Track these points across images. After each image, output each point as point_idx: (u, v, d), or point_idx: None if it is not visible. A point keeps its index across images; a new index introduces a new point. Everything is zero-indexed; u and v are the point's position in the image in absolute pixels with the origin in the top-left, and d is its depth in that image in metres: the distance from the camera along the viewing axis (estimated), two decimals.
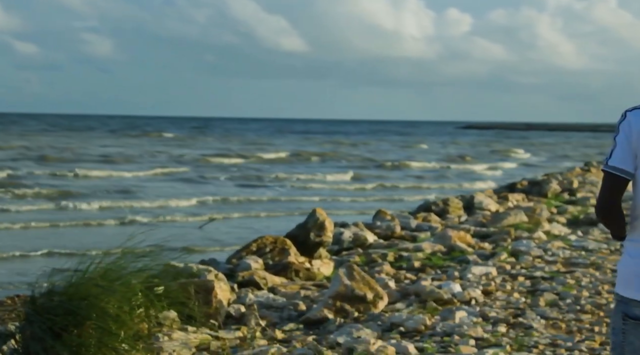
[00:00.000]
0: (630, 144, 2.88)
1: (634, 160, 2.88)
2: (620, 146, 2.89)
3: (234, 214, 19.38)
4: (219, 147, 53.09)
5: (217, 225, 16.33)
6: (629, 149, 2.88)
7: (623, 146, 2.89)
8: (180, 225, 16.60)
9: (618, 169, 2.88)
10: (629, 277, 2.87)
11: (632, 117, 2.90)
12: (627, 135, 2.89)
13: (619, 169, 2.88)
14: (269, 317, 7.20)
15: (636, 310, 2.83)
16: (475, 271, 8.74)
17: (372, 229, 12.02)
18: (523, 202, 16.12)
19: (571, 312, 7.18)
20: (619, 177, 2.88)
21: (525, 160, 49.13)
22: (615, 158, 2.89)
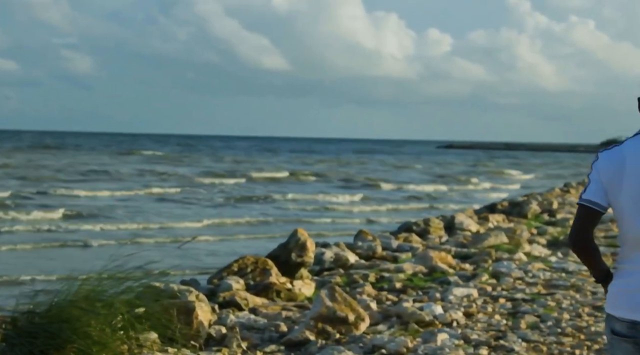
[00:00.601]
0: (600, 183, 3.14)
1: (606, 196, 3.12)
2: (594, 183, 3.16)
3: (251, 235, 19.06)
4: (213, 166, 52.32)
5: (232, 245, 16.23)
6: (601, 185, 3.13)
7: (596, 183, 3.15)
8: (170, 247, 16.39)
9: (592, 202, 3.14)
10: (613, 296, 3.12)
11: (601, 158, 3.18)
12: (597, 175, 3.16)
13: (592, 202, 3.14)
14: (250, 338, 7.16)
15: (617, 325, 3.07)
16: (456, 292, 8.76)
17: (354, 249, 12.02)
18: (503, 222, 16.19)
19: (552, 334, 7.20)
20: (592, 209, 3.14)
21: (524, 181, 48.45)
22: (590, 192, 3.15)
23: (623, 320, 3.04)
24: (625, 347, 3.04)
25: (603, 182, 3.12)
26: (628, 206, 3.07)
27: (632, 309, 3.02)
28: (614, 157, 3.13)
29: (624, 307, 3.05)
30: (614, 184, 3.09)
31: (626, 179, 3.07)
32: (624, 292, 3.07)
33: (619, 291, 3.10)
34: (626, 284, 3.08)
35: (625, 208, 3.07)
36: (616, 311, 3.08)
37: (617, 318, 3.07)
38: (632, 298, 3.03)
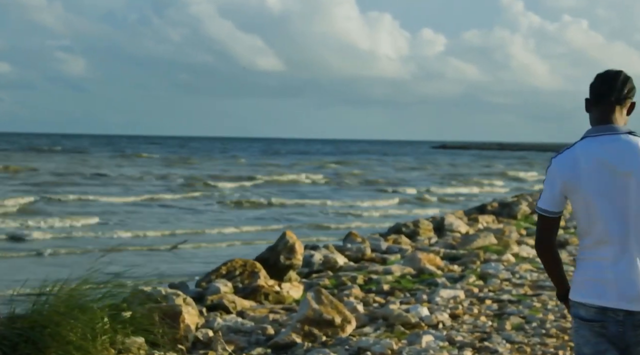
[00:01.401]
0: (555, 185, 3.33)
1: (561, 200, 3.35)
2: (547, 190, 3.36)
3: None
4: (230, 169, 51.11)
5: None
6: (556, 190, 3.33)
7: (550, 189, 3.35)
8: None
9: (543, 210, 3.37)
10: (576, 283, 3.37)
11: (554, 163, 3.36)
12: (551, 180, 3.35)
13: (544, 209, 3.37)
14: (237, 341, 7.20)
15: (582, 311, 3.32)
16: (443, 294, 8.81)
17: (343, 251, 12.08)
18: (493, 223, 16.26)
19: (536, 335, 7.26)
20: (546, 216, 3.37)
21: (538, 179, 47.90)
22: (543, 200, 3.38)
23: (591, 306, 3.27)
24: (593, 331, 3.29)
25: (559, 185, 3.31)
26: (584, 204, 3.29)
27: (599, 296, 3.26)
28: (567, 161, 3.32)
29: (592, 294, 3.28)
30: (571, 184, 3.29)
31: (582, 179, 3.27)
32: (589, 281, 3.30)
33: (585, 280, 3.32)
34: (592, 273, 3.30)
35: (586, 204, 3.28)
36: (584, 298, 3.30)
37: (584, 305, 3.30)
38: (595, 286, 3.28)
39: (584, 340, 3.32)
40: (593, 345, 3.30)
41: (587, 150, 3.30)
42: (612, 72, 3.41)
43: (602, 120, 3.36)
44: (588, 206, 3.28)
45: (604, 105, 3.37)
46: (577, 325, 3.35)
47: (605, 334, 3.28)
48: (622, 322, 3.26)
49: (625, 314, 3.25)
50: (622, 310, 3.25)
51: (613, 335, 3.28)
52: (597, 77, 3.43)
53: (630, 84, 3.39)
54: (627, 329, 3.26)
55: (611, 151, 3.29)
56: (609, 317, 3.26)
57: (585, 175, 3.28)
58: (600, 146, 3.30)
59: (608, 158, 3.28)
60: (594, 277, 3.30)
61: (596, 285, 3.28)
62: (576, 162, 3.29)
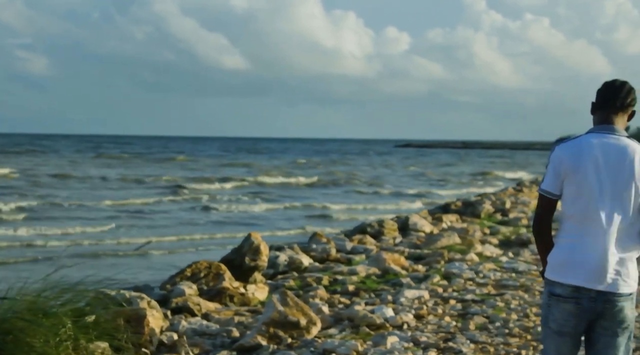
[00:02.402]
0: (558, 170, 3.78)
1: (561, 184, 3.77)
2: (550, 173, 3.82)
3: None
4: (223, 170, 50.75)
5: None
6: (558, 175, 3.78)
7: (552, 173, 3.81)
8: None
9: (547, 192, 3.82)
10: (554, 264, 3.78)
11: (559, 150, 3.80)
12: (555, 165, 3.79)
13: (547, 191, 3.82)
14: (202, 344, 7.17)
15: (558, 289, 3.75)
16: (408, 295, 8.85)
17: (308, 252, 12.08)
18: (457, 223, 16.37)
19: (500, 335, 7.32)
20: (548, 197, 3.82)
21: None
22: (546, 183, 3.82)
23: (568, 285, 3.71)
24: (565, 307, 3.73)
25: (560, 170, 3.76)
26: (577, 190, 3.72)
27: (575, 276, 3.70)
28: (572, 148, 3.77)
29: (569, 275, 3.71)
30: (571, 171, 3.73)
31: (581, 167, 3.71)
32: (569, 262, 3.73)
33: (564, 261, 3.74)
34: (570, 255, 3.73)
35: (578, 190, 3.72)
36: (561, 278, 3.74)
37: (561, 283, 3.73)
38: (574, 267, 3.71)
39: (554, 318, 3.77)
40: (561, 325, 3.76)
41: (590, 143, 3.75)
42: (618, 82, 3.85)
43: (605, 122, 3.81)
44: (579, 192, 3.72)
45: (609, 109, 3.82)
46: (550, 302, 3.78)
47: (579, 311, 3.72)
48: (594, 298, 3.71)
49: (597, 292, 3.70)
50: (595, 289, 3.69)
51: (585, 311, 3.72)
52: (605, 84, 3.87)
53: (633, 94, 3.84)
54: (598, 303, 3.71)
55: (610, 148, 3.73)
56: (583, 294, 3.70)
57: (584, 164, 3.71)
58: (601, 142, 3.75)
59: (606, 153, 3.72)
60: (573, 259, 3.71)
61: (575, 266, 3.70)
62: (580, 150, 3.74)
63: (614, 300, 3.72)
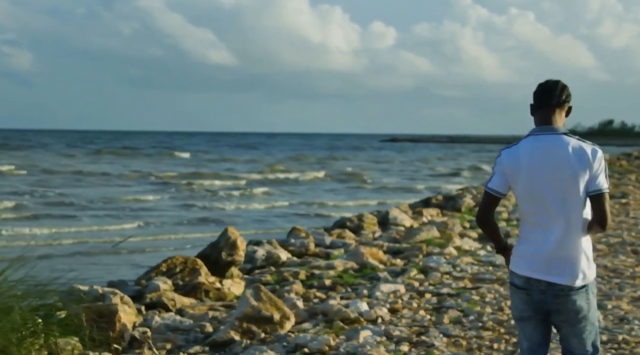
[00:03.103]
0: (503, 173, 4.07)
1: (506, 184, 4.08)
2: (497, 174, 4.10)
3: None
4: (237, 167, 50.48)
5: None
6: (503, 176, 4.07)
7: (499, 174, 4.09)
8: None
9: (493, 190, 4.10)
10: (514, 255, 4.11)
11: (503, 154, 4.09)
12: (500, 167, 4.08)
13: (494, 189, 4.10)
14: (175, 340, 7.13)
15: (516, 280, 4.07)
16: (383, 289, 8.84)
17: (286, 246, 12.06)
18: (437, 217, 16.38)
19: (473, 329, 7.32)
20: (493, 196, 4.11)
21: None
22: (493, 182, 4.11)
23: (521, 276, 4.02)
24: (520, 296, 4.05)
25: (505, 173, 4.05)
26: (524, 191, 4.00)
27: (527, 268, 3.99)
28: (512, 154, 4.04)
29: (523, 266, 4.02)
30: (513, 174, 4.02)
31: (522, 171, 3.98)
32: (523, 255, 4.04)
33: (519, 255, 4.07)
34: (524, 249, 4.05)
35: (524, 191, 4.00)
36: (517, 269, 4.05)
37: (517, 274, 4.05)
38: (526, 260, 4.01)
39: (514, 305, 4.12)
40: (520, 311, 4.08)
41: (528, 146, 3.99)
42: (551, 81, 4.06)
43: (544, 122, 4.03)
44: (525, 193, 4.00)
45: (546, 109, 4.03)
46: (511, 292, 4.12)
47: (531, 301, 4.00)
48: (544, 291, 3.94)
49: (547, 284, 3.93)
50: (544, 281, 3.94)
51: (536, 301, 3.98)
52: (539, 86, 4.08)
53: (567, 91, 4.05)
54: (548, 297, 3.94)
55: (549, 147, 3.95)
56: (533, 286, 3.97)
57: (525, 167, 3.97)
58: (541, 143, 3.97)
59: (546, 153, 3.95)
60: (527, 252, 4.01)
61: (527, 259, 3.99)
62: (519, 156, 3.99)
63: (563, 294, 3.92)
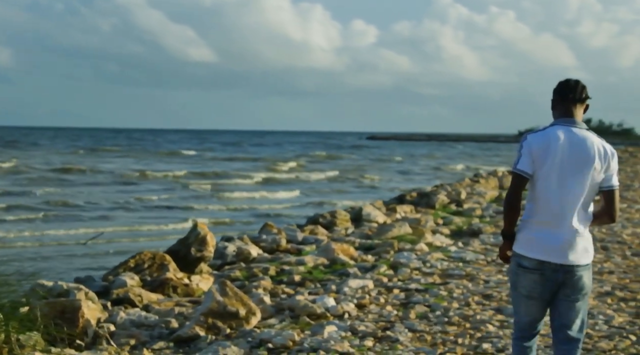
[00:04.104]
0: (530, 155, 4.33)
1: (533, 165, 4.32)
2: (525, 156, 4.35)
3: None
4: (246, 166, 50.23)
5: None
6: (530, 158, 4.33)
7: (526, 156, 4.34)
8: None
9: (522, 171, 4.34)
10: (523, 239, 4.38)
11: (530, 138, 4.37)
12: (528, 150, 4.34)
13: (523, 171, 4.34)
14: (139, 335, 7.09)
15: (524, 262, 4.37)
16: (352, 284, 8.83)
17: (258, 242, 12.03)
18: (411, 213, 16.40)
19: (439, 324, 7.33)
20: (522, 176, 4.34)
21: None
22: (521, 163, 4.34)
23: (533, 259, 4.32)
24: (531, 277, 4.35)
25: (533, 155, 4.31)
26: (548, 176, 4.27)
27: (541, 252, 4.30)
28: (542, 138, 4.33)
29: (536, 250, 4.32)
30: (542, 157, 4.29)
31: (551, 156, 4.27)
32: (536, 239, 4.32)
33: (530, 238, 4.35)
34: (537, 233, 4.32)
35: (548, 177, 4.27)
36: (527, 252, 4.35)
37: (528, 258, 4.34)
38: (540, 244, 4.31)
39: (523, 285, 4.40)
40: (530, 291, 4.38)
41: (556, 134, 4.31)
42: (573, 80, 4.42)
43: (566, 114, 4.38)
44: (547, 177, 4.29)
45: (568, 104, 4.39)
46: (518, 271, 4.40)
47: (544, 280, 4.33)
48: (555, 270, 4.31)
49: (558, 265, 4.31)
50: (556, 263, 4.30)
51: (549, 279, 4.33)
52: (561, 83, 4.43)
53: (586, 90, 4.41)
54: (559, 274, 4.32)
55: (573, 138, 4.30)
56: (545, 267, 4.31)
57: (552, 152, 4.28)
58: (566, 133, 4.31)
59: (570, 143, 4.28)
60: (541, 236, 4.31)
61: (541, 243, 4.30)
62: (548, 140, 4.30)
63: (573, 271, 4.33)
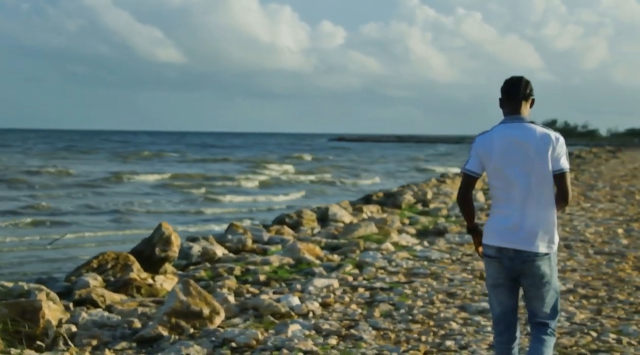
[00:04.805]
0: (477, 156, 4.66)
1: (481, 166, 4.66)
2: (473, 157, 4.69)
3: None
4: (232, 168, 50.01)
5: None
6: (478, 158, 4.66)
7: (474, 157, 4.68)
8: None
9: (470, 171, 4.69)
10: (486, 230, 4.65)
11: (477, 140, 4.69)
12: (475, 151, 4.68)
13: (470, 170, 4.69)
14: (101, 336, 7.01)
15: (488, 250, 4.64)
16: (317, 283, 8.81)
17: (223, 242, 11.97)
18: (378, 213, 16.43)
19: (403, 322, 7.34)
20: (470, 175, 4.69)
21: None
22: (469, 164, 4.69)
23: (492, 246, 4.59)
24: (493, 265, 4.62)
25: (479, 156, 4.63)
26: (494, 171, 4.58)
27: (497, 239, 4.57)
28: (486, 139, 4.64)
29: (494, 238, 4.59)
30: (486, 156, 4.60)
31: (494, 153, 4.57)
32: (494, 228, 4.60)
33: (491, 227, 4.63)
34: (494, 222, 4.61)
35: (499, 172, 4.55)
36: (489, 241, 4.62)
37: (489, 245, 4.61)
38: (497, 232, 4.58)
39: (488, 274, 4.68)
40: (494, 279, 4.66)
41: (500, 132, 4.59)
42: (515, 78, 4.67)
43: (512, 112, 4.63)
44: (497, 173, 4.58)
45: (513, 102, 4.63)
46: (486, 262, 4.68)
47: (503, 268, 4.58)
48: (512, 257, 4.53)
49: (515, 251, 4.52)
50: (512, 249, 4.52)
51: (507, 268, 4.57)
52: (505, 82, 4.67)
53: (530, 86, 4.65)
54: (517, 263, 4.52)
55: (518, 133, 4.55)
56: (504, 254, 4.55)
57: (496, 150, 4.57)
58: (510, 130, 4.57)
59: (516, 137, 4.54)
60: (497, 225, 4.59)
61: (498, 231, 4.57)
62: (492, 140, 4.59)
63: (530, 259, 4.50)
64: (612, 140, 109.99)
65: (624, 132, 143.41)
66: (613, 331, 7.01)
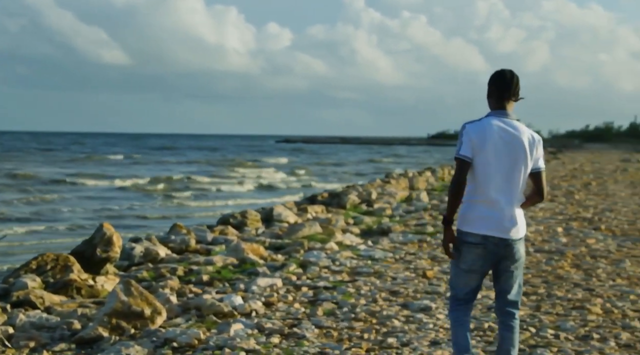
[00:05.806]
0: (470, 142, 4.78)
1: (473, 151, 4.77)
2: (465, 143, 4.79)
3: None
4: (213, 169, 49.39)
5: None
6: (470, 145, 4.78)
7: (467, 142, 4.78)
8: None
9: (464, 156, 4.79)
10: (468, 218, 4.84)
11: (469, 127, 4.82)
12: (468, 137, 4.79)
13: (465, 156, 4.79)
14: (39, 337, 6.88)
15: (470, 238, 4.83)
16: (260, 283, 8.79)
17: (166, 243, 11.87)
18: (322, 213, 16.46)
19: (346, 320, 7.36)
20: (466, 161, 4.79)
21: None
22: (463, 149, 4.78)
23: (477, 234, 4.79)
24: (475, 251, 4.82)
25: (472, 142, 4.76)
26: (486, 162, 4.75)
27: (484, 227, 4.78)
28: (479, 128, 4.80)
29: (480, 226, 4.79)
30: (479, 144, 4.75)
31: (487, 144, 4.75)
32: (479, 217, 4.80)
33: (474, 217, 4.82)
34: (481, 212, 4.80)
35: (487, 162, 4.74)
36: (473, 229, 4.82)
37: (473, 233, 4.80)
38: (483, 221, 4.79)
39: (465, 260, 4.86)
40: (470, 265, 4.87)
41: (491, 124, 4.79)
42: (508, 74, 4.85)
43: (500, 107, 4.85)
44: (485, 162, 4.76)
45: (503, 97, 4.85)
46: (462, 248, 4.85)
47: (486, 253, 4.81)
48: (497, 244, 4.81)
49: (499, 239, 4.80)
50: (497, 237, 4.80)
51: (491, 252, 4.82)
52: (498, 75, 4.86)
53: (519, 83, 4.87)
54: (500, 247, 4.81)
55: (511, 129, 4.79)
56: (489, 241, 4.80)
57: (489, 139, 4.76)
58: (504, 124, 4.80)
59: (510, 132, 4.78)
60: (482, 215, 4.79)
61: (484, 220, 4.79)
62: (484, 129, 4.78)
63: (511, 244, 4.83)
64: (553, 142, 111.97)
65: (565, 134, 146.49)
66: (551, 327, 7.14)
